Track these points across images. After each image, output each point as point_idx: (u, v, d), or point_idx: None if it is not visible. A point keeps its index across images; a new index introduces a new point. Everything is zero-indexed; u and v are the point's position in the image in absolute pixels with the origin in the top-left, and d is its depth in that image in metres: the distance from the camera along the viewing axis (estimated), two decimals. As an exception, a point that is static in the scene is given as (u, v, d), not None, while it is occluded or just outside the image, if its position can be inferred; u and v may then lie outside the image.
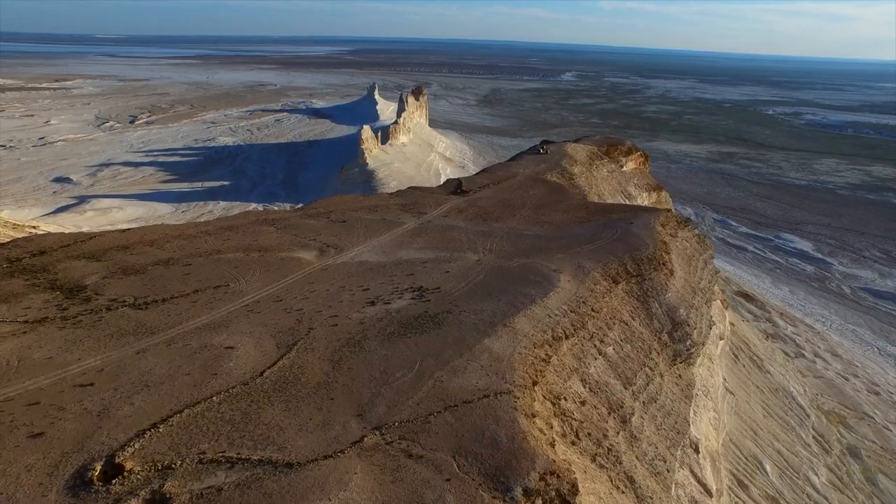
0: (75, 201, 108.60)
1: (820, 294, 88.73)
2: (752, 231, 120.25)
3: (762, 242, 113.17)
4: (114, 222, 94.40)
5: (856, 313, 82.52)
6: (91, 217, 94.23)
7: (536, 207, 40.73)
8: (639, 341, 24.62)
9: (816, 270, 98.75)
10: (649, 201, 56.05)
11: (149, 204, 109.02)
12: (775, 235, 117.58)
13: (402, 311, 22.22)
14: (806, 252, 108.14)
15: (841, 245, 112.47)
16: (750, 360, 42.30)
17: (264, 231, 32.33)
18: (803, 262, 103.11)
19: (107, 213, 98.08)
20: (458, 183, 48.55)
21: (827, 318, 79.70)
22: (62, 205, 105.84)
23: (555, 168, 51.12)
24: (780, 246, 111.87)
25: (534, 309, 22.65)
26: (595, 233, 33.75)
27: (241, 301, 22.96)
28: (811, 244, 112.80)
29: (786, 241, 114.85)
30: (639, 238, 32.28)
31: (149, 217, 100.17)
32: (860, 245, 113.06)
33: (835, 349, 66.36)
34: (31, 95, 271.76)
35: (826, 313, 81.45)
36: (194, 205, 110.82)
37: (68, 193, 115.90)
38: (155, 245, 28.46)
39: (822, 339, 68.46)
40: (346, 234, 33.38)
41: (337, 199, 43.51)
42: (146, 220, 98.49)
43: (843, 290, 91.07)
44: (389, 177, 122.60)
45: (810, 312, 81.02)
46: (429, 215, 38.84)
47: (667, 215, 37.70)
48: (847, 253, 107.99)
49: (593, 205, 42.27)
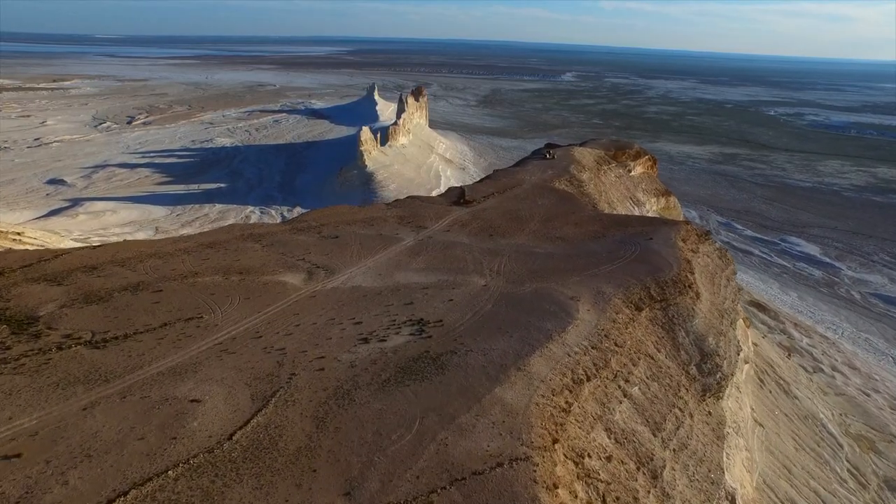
0: (68, 204, 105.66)
1: (829, 300, 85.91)
2: (757, 234, 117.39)
3: (768, 246, 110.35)
4: (106, 226, 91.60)
5: (867, 320, 79.77)
6: (83, 220, 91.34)
7: (546, 220, 37.80)
8: (666, 377, 21.84)
9: (825, 275, 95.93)
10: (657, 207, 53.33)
11: (143, 206, 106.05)
12: (781, 239, 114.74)
13: (400, 350, 19.34)
14: (813, 256, 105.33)
15: (848, 249, 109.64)
16: (776, 384, 39.47)
17: (248, 249, 29.35)
18: (811, 266, 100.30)
19: (100, 216, 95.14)
20: (460, 192, 45.63)
21: (838, 325, 76.95)
22: (54, 207, 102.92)
23: (563, 175, 48.24)
24: (787, 250, 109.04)
25: (551, 347, 19.85)
26: (612, 250, 30.95)
27: (215, 337, 20.08)
28: (818, 248, 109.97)
29: (792, 244, 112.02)
30: (660, 256, 29.53)
31: (143, 220, 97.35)
32: (868, 249, 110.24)
33: (852, 361, 63.59)
34: (28, 95, 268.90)
35: (837, 320, 78.70)
36: (190, 207, 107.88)
37: (61, 196, 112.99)
38: (126, 266, 25.57)
39: (839, 351, 65.68)
40: (338, 252, 30.35)
41: (330, 210, 40.31)
42: (140, 223, 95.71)
43: (852, 295, 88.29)
44: (388, 179, 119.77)
45: (821, 320, 78.26)
46: (429, 230, 35.74)
47: (687, 229, 34.88)
48: (855, 257, 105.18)
49: (607, 217, 39.46)
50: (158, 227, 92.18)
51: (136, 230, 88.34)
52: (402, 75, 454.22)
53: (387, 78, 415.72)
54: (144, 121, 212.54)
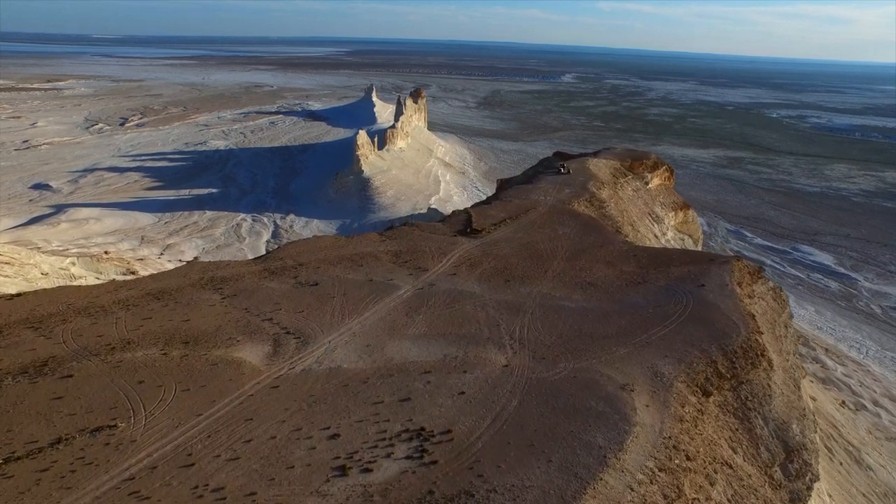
0: (51, 210, 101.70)
1: (849, 315, 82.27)
2: (768, 243, 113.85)
3: (780, 255, 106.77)
4: (89, 235, 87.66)
5: (891, 337, 76.14)
6: (64, 229, 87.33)
7: (571, 256, 32.42)
8: (750, 494, 16.99)
9: (842, 287, 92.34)
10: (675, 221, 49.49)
11: (130, 214, 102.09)
12: (793, 247, 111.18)
13: (392, 490, 14.05)
14: (827, 266, 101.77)
15: (864, 258, 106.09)
16: (846, 452, 34.52)
17: (204, 302, 23.86)
18: (826, 277, 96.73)
19: (82, 224, 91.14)
20: (466, 218, 39.95)
21: (861, 343, 73.24)
22: (36, 214, 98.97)
23: (581, 194, 43.47)
24: (800, 259, 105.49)
25: (606, 479, 14.55)
26: (659, 302, 25.71)
27: (127, 466, 14.32)
28: (832, 257, 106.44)
29: (804, 253, 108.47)
30: (720, 312, 24.10)
31: (128, 229, 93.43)
32: (884, 258, 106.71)
33: (890, 391, 59.44)
34: (21, 96, 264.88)
35: (859, 338, 75.02)
36: (178, 215, 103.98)
37: (45, 202, 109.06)
38: (41, 328, 20.39)
39: (874, 379, 61.21)
40: (317, 308, 24.71)
41: (311, 244, 34.39)
42: (125, 232, 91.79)
43: (872, 309, 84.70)
44: (386, 185, 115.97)
45: (842, 337, 74.59)
46: (431, 273, 30.09)
47: (740, 268, 29.95)
48: (871, 267, 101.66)
49: (642, 251, 34.01)
50: (144, 237, 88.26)
51: (120, 240, 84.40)
52: (401, 76, 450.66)
53: (385, 79, 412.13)
54: (138, 122, 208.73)
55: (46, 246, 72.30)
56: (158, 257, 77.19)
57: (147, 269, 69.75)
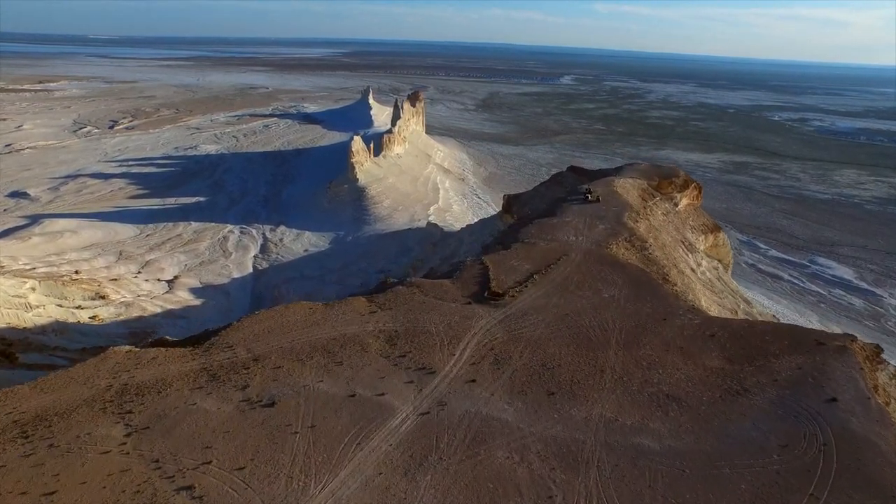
0: (25, 222, 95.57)
1: (879, 337, 76.78)
2: (783, 255, 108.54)
3: (797, 269, 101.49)
4: (63, 250, 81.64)
5: (926, 363, 70.75)
6: (36, 244, 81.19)
7: (630, 341, 24.45)
8: None
9: (866, 305, 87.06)
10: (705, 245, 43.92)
11: (109, 225, 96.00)
12: (810, 260, 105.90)
13: None
14: (848, 281, 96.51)
15: (885, 272, 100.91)
16: None
17: (95, 444, 16.26)
18: (849, 293, 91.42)
19: (56, 238, 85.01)
20: (481, 272, 30.94)
21: (896, 370, 67.88)
22: (9, 226, 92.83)
23: (618, 231, 35.96)
24: (818, 273, 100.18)
25: None
26: (778, 435, 18.19)
27: None
28: (852, 271, 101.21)
29: (823, 267, 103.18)
30: (880, 454, 16.78)
31: (106, 243, 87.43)
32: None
33: None
34: (10, 97, 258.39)
35: (892, 364, 69.63)
36: (162, 227, 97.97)
37: (21, 212, 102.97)
38: None
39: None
40: (267, 457, 16.88)
41: (275, 318, 25.30)
42: (103, 246, 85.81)
43: (902, 330, 79.39)
44: (382, 194, 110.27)
45: (874, 363, 69.19)
46: (439, 378, 21.93)
47: (863, 358, 23.46)
48: (895, 282, 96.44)
49: (719, 327, 25.60)
50: (123, 252, 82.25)
51: (96, 255, 78.35)
52: (398, 78, 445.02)
53: (382, 80, 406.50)
54: (128, 125, 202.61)
55: (12, 264, 66.35)
56: (135, 276, 71.27)
57: (119, 292, 63.91)
